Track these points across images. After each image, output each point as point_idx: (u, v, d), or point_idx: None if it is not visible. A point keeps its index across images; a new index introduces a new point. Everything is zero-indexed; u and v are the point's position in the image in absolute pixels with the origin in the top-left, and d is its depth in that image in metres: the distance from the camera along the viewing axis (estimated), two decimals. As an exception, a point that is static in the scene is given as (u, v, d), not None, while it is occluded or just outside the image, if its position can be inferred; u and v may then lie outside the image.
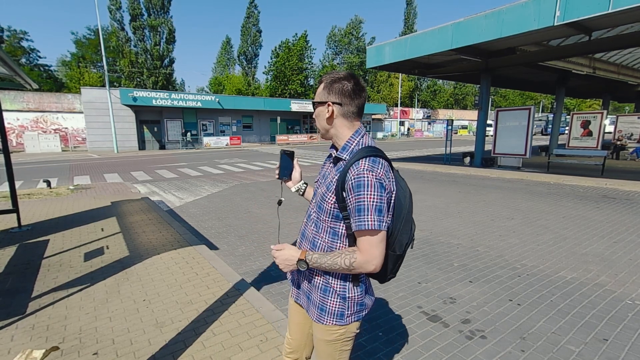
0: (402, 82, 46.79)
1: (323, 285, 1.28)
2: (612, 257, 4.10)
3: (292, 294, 1.50)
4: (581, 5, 7.48)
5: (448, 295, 3.22)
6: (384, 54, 12.53)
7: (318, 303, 1.29)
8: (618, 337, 2.55)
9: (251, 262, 4.17)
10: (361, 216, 1.11)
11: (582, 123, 14.84)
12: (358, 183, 1.11)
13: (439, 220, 5.81)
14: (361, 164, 1.13)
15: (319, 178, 1.39)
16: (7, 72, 4.58)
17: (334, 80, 1.23)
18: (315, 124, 1.32)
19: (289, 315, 1.55)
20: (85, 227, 5.27)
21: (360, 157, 1.15)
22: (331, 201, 1.20)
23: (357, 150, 1.21)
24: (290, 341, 1.54)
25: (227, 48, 52.44)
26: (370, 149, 1.20)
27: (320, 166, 1.55)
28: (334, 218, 1.22)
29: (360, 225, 1.11)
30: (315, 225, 1.30)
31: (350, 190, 1.13)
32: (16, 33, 37.06)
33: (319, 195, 1.28)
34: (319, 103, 1.27)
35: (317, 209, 1.28)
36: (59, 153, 22.82)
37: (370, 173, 1.11)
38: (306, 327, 1.48)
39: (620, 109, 47.92)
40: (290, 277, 1.48)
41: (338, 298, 1.26)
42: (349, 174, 1.14)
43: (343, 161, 1.23)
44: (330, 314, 1.27)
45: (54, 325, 2.62)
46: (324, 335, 1.31)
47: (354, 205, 1.13)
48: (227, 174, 12.20)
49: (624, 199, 7.35)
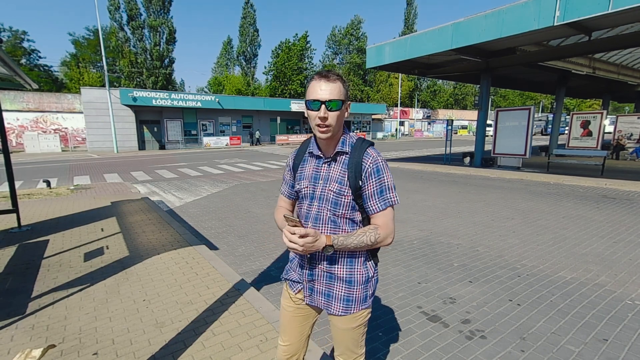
0: (402, 82, 46.80)
1: (347, 277, 1.33)
2: (612, 257, 4.10)
3: (292, 298, 1.44)
4: (581, 5, 7.48)
5: (448, 296, 3.22)
6: (384, 54, 12.53)
7: (343, 296, 1.33)
8: (618, 337, 2.55)
9: (251, 262, 4.17)
10: (384, 195, 1.27)
11: (582, 123, 14.84)
12: (377, 168, 1.27)
13: (438, 221, 5.81)
14: (371, 152, 1.28)
15: (307, 183, 1.34)
16: (7, 72, 4.57)
17: (344, 79, 1.28)
18: (325, 121, 1.22)
19: (285, 321, 1.48)
20: (85, 227, 5.27)
21: (365, 147, 1.29)
22: (349, 194, 1.27)
23: (354, 142, 1.32)
24: (286, 348, 1.47)
25: (228, 48, 52.38)
26: (363, 139, 1.34)
27: (285, 171, 1.51)
28: (351, 209, 1.30)
29: (387, 203, 1.27)
30: (332, 222, 1.31)
31: (370, 176, 1.26)
32: (17, 33, 37.07)
33: (331, 194, 1.29)
34: (342, 102, 1.23)
35: (333, 206, 1.29)
36: (59, 153, 22.82)
37: (380, 158, 1.29)
38: (306, 329, 1.47)
39: (620, 109, 47.92)
40: (294, 280, 1.42)
41: (362, 283, 1.34)
42: (364, 162, 1.26)
43: (346, 155, 1.30)
44: (357, 302, 1.34)
45: (54, 325, 2.62)
46: (350, 324, 1.36)
47: (377, 188, 1.26)
48: (227, 174, 12.20)
49: (624, 199, 7.35)
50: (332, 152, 1.32)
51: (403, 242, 4.77)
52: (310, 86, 1.25)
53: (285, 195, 1.51)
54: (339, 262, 1.32)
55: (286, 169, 1.51)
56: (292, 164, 1.44)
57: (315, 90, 1.22)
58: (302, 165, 1.40)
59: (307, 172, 1.37)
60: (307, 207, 1.35)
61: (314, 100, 1.21)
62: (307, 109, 1.26)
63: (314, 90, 1.22)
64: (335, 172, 1.30)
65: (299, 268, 1.40)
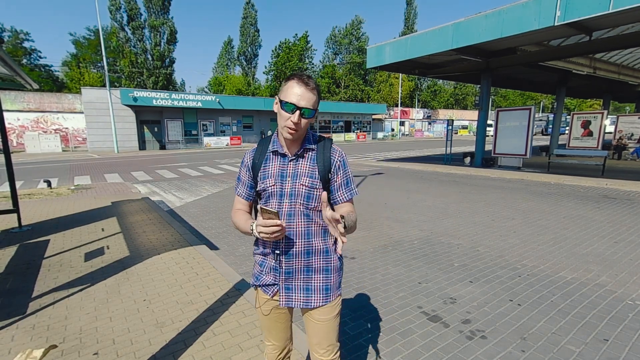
0: (402, 82, 46.78)
1: (324, 265, 1.39)
2: (613, 258, 4.09)
3: (268, 302, 1.43)
4: (582, 5, 7.47)
5: (448, 296, 3.22)
6: (384, 54, 12.52)
7: (321, 286, 1.38)
8: (618, 337, 2.55)
9: (251, 262, 4.17)
10: (350, 187, 1.40)
11: (582, 123, 14.82)
12: (343, 161, 1.40)
13: (439, 221, 5.80)
14: (336, 147, 1.41)
15: (273, 181, 1.34)
16: (8, 72, 4.58)
17: (319, 88, 1.33)
18: (296, 126, 1.25)
19: (266, 325, 1.48)
20: (86, 227, 5.28)
21: (329, 142, 1.41)
22: (320, 187, 1.34)
23: (315, 139, 1.41)
24: (273, 346, 1.52)
25: (228, 48, 52.38)
26: (322, 136, 1.44)
27: (240, 172, 1.48)
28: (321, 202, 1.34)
29: (352, 193, 1.40)
30: (305, 216, 1.34)
31: (339, 169, 1.38)
32: (18, 33, 37.12)
33: (303, 189, 1.33)
34: (315, 111, 1.29)
35: (306, 200, 1.33)
36: (60, 153, 22.83)
37: (343, 152, 1.43)
38: (288, 325, 1.52)
39: (621, 109, 47.89)
40: (269, 284, 1.40)
41: (337, 270, 1.42)
42: (334, 156, 1.38)
43: (312, 151, 1.38)
44: (334, 288, 1.41)
45: (55, 325, 2.62)
46: (332, 312, 1.41)
47: (344, 179, 1.39)
48: (227, 174, 12.20)
49: (625, 199, 7.34)
50: (296, 149, 1.36)
51: (403, 242, 4.77)
52: (288, 86, 1.25)
53: (242, 196, 1.46)
54: (315, 253, 1.36)
55: (242, 169, 1.46)
56: (252, 164, 1.41)
57: (293, 92, 1.23)
58: (264, 164, 1.39)
59: (271, 170, 1.36)
60: (277, 205, 1.34)
61: (290, 103, 1.22)
62: (279, 107, 1.27)
63: (292, 93, 1.23)
64: (303, 167, 1.35)
65: (273, 271, 1.38)
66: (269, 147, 1.41)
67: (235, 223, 1.43)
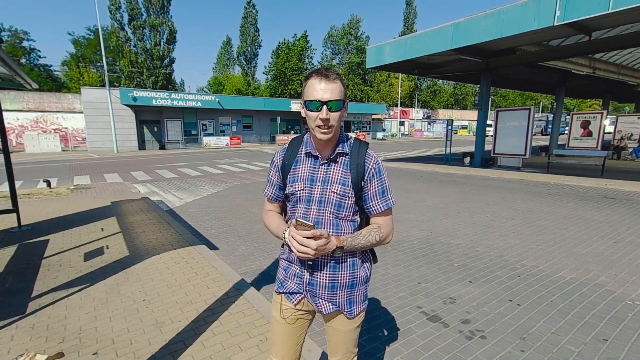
0: (402, 82, 46.79)
1: (350, 281, 1.31)
2: (612, 258, 4.10)
3: (289, 310, 1.35)
4: (581, 5, 7.48)
5: (448, 296, 3.22)
6: (384, 54, 12.52)
7: (345, 300, 1.32)
8: (618, 338, 2.55)
9: (251, 262, 4.17)
10: (386, 196, 1.29)
11: (582, 123, 14.83)
12: (379, 168, 1.28)
13: (438, 221, 5.81)
14: (371, 153, 1.29)
15: (302, 185, 1.27)
16: (7, 72, 4.58)
17: (342, 77, 1.22)
18: (327, 123, 1.16)
19: (279, 336, 1.38)
20: (85, 227, 5.27)
21: (365, 148, 1.29)
22: (352, 196, 1.26)
23: (352, 143, 1.31)
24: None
25: (227, 48, 52.36)
26: (359, 139, 1.33)
27: (270, 172, 1.40)
28: (353, 211, 1.29)
29: (388, 204, 1.29)
30: (334, 225, 1.26)
31: (373, 177, 1.27)
32: (17, 33, 37.07)
33: (334, 197, 1.24)
34: (342, 102, 1.18)
35: (336, 209, 1.25)
36: (59, 153, 22.81)
37: (379, 159, 1.30)
38: (301, 339, 1.42)
39: (620, 109, 47.92)
40: (293, 292, 1.34)
41: (363, 284, 1.35)
42: (368, 162, 1.27)
43: (346, 156, 1.28)
44: (358, 303, 1.35)
45: (54, 325, 2.62)
46: (352, 325, 1.37)
47: (378, 188, 1.28)
48: (227, 174, 12.20)
49: (624, 199, 7.35)
50: (329, 153, 1.27)
51: (403, 242, 4.77)
52: (309, 85, 1.17)
53: (272, 198, 1.40)
54: (342, 268, 1.28)
55: (272, 169, 1.38)
56: (282, 165, 1.34)
57: (315, 89, 1.15)
58: (294, 165, 1.31)
59: (301, 174, 1.29)
60: (304, 210, 1.27)
61: (314, 101, 1.15)
62: (305, 110, 1.18)
63: (314, 90, 1.15)
64: (336, 173, 1.26)
65: (297, 278, 1.32)
66: (301, 148, 1.32)
67: (266, 225, 1.39)
